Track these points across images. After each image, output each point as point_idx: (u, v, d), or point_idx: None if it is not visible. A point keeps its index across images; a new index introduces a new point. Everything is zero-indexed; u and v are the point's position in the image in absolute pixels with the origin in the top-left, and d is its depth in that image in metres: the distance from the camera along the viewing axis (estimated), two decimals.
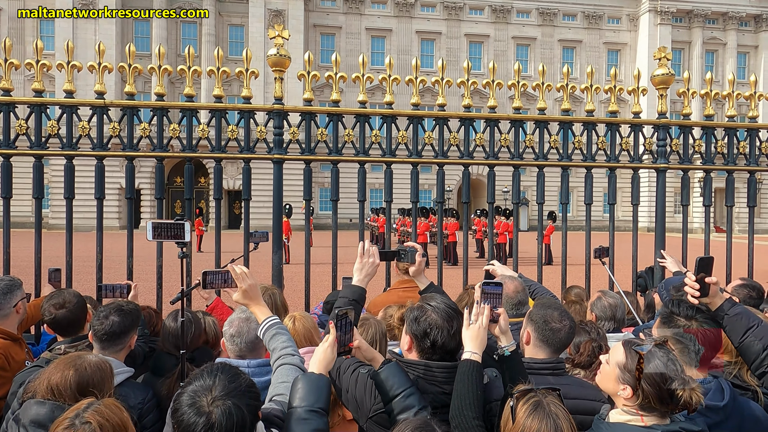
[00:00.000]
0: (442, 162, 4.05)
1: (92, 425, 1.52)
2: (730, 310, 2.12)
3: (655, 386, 1.72)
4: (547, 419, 1.59)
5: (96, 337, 2.35)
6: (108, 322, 2.34)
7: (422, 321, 1.88)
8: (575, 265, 4.97)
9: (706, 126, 4.40)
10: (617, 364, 1.82)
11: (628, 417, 1.79)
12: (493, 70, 4.08)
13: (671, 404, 1.72)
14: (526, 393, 1.66)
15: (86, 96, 3.78)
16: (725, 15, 43.33)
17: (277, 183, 3.90)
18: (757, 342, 2.06)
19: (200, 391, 1.47)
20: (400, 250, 2.52)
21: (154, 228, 2.11)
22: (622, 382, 1.80)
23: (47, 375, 1.85)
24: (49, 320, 2.68)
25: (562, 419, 1.60)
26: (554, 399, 1.66)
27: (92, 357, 1.94)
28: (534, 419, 1.60)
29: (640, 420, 1.77)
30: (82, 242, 7.20)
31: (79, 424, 1.53)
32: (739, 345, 2.10)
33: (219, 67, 3.70)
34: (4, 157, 3.59)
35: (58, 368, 1.86)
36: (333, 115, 3.93)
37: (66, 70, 3.56)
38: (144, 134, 3.75)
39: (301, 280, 4.07)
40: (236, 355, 2.25)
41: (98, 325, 2.34)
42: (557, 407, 1.63)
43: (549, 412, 1.61)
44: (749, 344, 2.07)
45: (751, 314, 2.12)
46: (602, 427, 1.82)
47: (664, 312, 2.21)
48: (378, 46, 40.77)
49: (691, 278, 2.16)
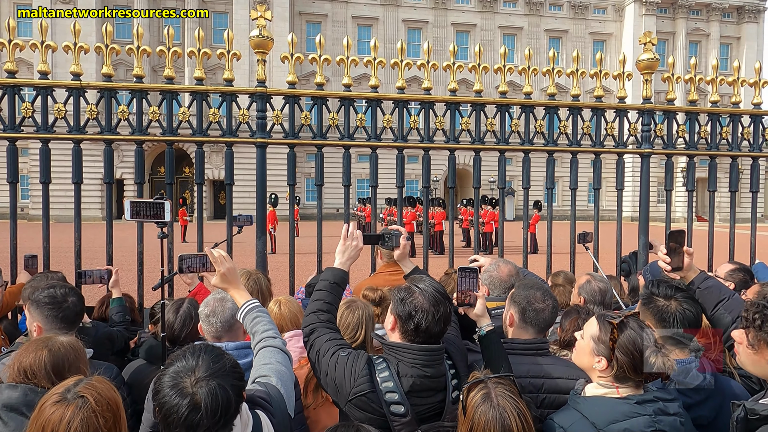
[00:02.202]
0: (427, 147, 4.02)
1: (87, 399, 1.42)
2: (702, 283, 2.16)
3: (629, 354, 1.74)
4: (492, 412, 1.57)
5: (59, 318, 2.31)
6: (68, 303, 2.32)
7: (408, 303, 1.84)
8: (560, 253, 4.99)
9: (690, 111, 4.43)
10: (591, 337, 1.84)
11: (604, 390, 1.80)
12: (479, 53, 4.04)
13: (644, 372, 1.75)
14: (477, 384, 1.64)
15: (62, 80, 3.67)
16: (709, 6, 43.75)
17: (261, 168, 3.84)
18: (726, 315, 2.09)
19: (183, 371, 1.41)
20: (384, 234, 2.49)
21: (133, 206, 2.03)
22: (596, 354, 1.81)
23: (18, 357, 1.77)
24: None
25: (509, 411, 1.58)
26: (504, 389, 1.63)
27: (63, 338, 1.87)
28: (481, 414, 1.58)
29: (616, 392, 1.78)
30: (64, 232, 7.04)
31: (71, 398, 1.43)
32: (711, 317, 2.14)
33: (200, 49, 3.61)
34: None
35: (30, 350, 1.78)
36: (317, 99, 3.87)
37: (40, 50, 3.44)
38: (123, 117, 3.65)
39: (287, 270, 4.03)
40: (213, 336, 2.20)
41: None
42: (505, 398, 1.61)
43: (496, 405, 1.59)
44: (719, 317, 2.11)
45: (723, 287, 2.16)
46: (578, 401, 1.84)
47: (645, 293, 2.22)
48: (364, 34, 40.41)
49: (662, 251, 2.19)
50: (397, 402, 1.76)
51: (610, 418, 1.72)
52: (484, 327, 2.06)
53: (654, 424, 1.69)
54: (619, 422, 1.70)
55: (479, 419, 1.57)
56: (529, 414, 1.63)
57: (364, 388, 1.78)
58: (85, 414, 1.41)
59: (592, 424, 1.72)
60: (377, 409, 1.77)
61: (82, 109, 3.58)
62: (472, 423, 1.58)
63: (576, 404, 1.83)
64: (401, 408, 1.75)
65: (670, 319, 2.08)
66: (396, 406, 1.76)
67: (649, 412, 1.71)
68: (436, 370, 1.83)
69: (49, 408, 1.42)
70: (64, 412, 1.40)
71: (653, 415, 1.71)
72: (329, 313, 2.07)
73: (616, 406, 1.74)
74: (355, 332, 2.37)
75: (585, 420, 1.75)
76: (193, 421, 1.36)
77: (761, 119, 4.56)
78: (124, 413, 1.54)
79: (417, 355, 1.81)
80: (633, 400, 1.74)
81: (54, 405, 1.42)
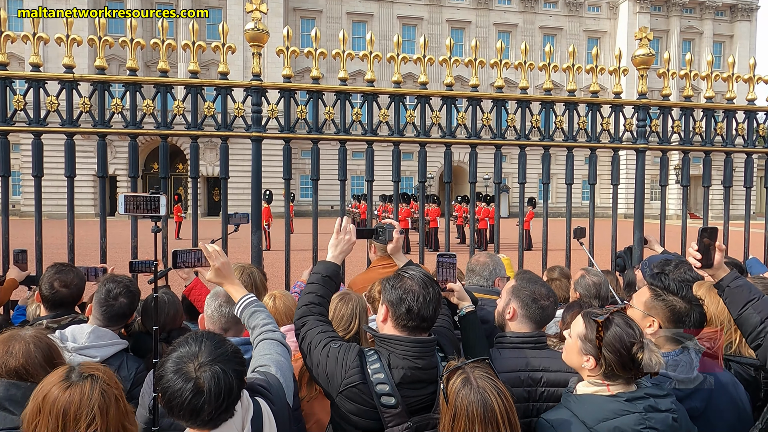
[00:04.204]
0: (424, 141, 4.00)
1: (97, 375, 1.46)
2: (732, 282, 2.11)
3: (616, 352, 1.72)
4: (474, 394, 1.57)
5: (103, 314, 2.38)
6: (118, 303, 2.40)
7: (398, 287, 1.85)
8: (555, 250, 5.01)
9: (685, 107, 4.44)
10: (578, 336, 1.83)
11: (595, 388, 1.80)
12: (475, 48, 4.03)
13: (634, 369, 1.73)
14: (455, 371, 1.64)
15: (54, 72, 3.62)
16: (702, 4, 43.97)
17: (256, 162, 3.81)
18: (755, 314, 2.05)
19: (186, 357, 1.41)
20: (377, 228, 2.48)
21: (127, 200, 2.01)
22: (584, 354, 1.80)
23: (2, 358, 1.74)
24: (50, 294, 2.61)
25: (489, 391, 1.57)
26: (482, 372, 1.63)
27: (29, 330, 1.87)
28: (463, 397, 1.57)
29: (606, 389, 1.77)
30: (56, 228, 6.96)
31: (78, 378, 1.44)
32: (738, 317, 2.09)
33: (194, 41, 3.58)
34: None
35: (7, 347, 1.76)
36: (313, 92, 3.84)
37: (32, 42, 3.40)
38: (116, 110, 3.61)
39: (282, 267, 4.01)
40: (220, 328, 2.21)
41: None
42: (484, 379, 1.61)
43: (476, 387, 1.58)
44: (748, 316, 2.06)
45: (753, 287, 2.12)
46: (570, 399, 1.83)
47: (656, 286, 2.14)
48: (359, 31, 40.29)
49: (693, 248, 2.15)
50: (388, 393, 1.76)
51: (600, 416, 1.71)
52: (465, 308, 2.19)
53: (644, 422, 1.69)
54: (608, 420, 1.70)
55: (461, 403, 1.56)
56: (509, 393, 1.62)
57: (354, 380, 1.78)
58: (103, 387, 1.44)
59: (582, 422, 1.72)
60: (368, 401, 1.77)
61: (75, 103, 3.54)
62: (455, 409, 1.57)
63: (567, 403, 1.83)
64: (392, 399, 1.75)
65: (684, 318, 2.05)
66: (387, 397, 1.76)
67: (639, 410, 1.71)
68: (427, 362, 1.83)
69: (58, 392, 1.42)
70: (83, 390, 1.42)
71: (643, 412, 1.70)
72: (321, 306, 2.07)
73: (606, 404, 1.73)
74: (349, 323, 2.36)
75: (576, 419, 1.74)
76: (197, 405, 1.36)
77: (755, 115, 4.58)
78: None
79: (408, 346, 1.81)
80: (623, 398, 1.74)
81: (63, 389, 1.42)
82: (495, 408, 1.56)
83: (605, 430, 1.69)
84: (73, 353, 2.17)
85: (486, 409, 1.55)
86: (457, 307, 2.22)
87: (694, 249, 2.14)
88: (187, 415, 1.39)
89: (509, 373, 2.05)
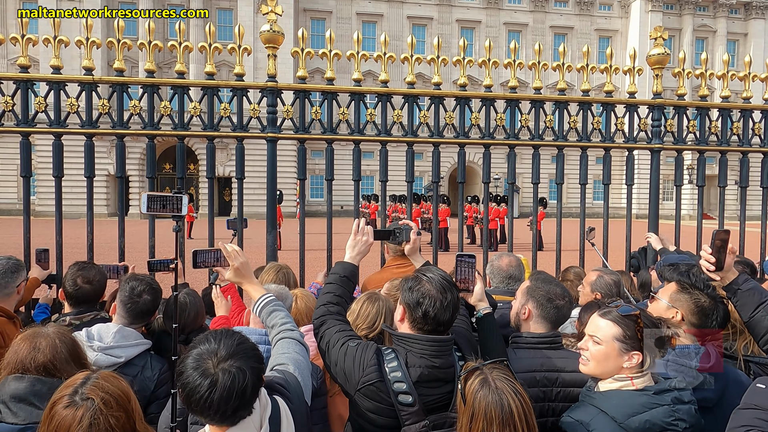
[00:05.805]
0: (437, 141, 4.02)
1: (95, 401, 1.46)
2: (743, 284, 2.11)
3: (653, 336, 1.79)
4: (492, 395, 1.58)
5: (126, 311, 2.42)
6: (142, 300, 2.45)
7: (416, 290, 1.85)
8: (567, 250, 4.99)
9: (701, 106, 4.41)
10: (614, 339, 1.81)
11: (620, 384, 1.80)
12: (489, 48, 4.04)
13: (662, 350, 1.80)
14: (473, 372, 1.65)
15: (74, 74, 3.68)
16: (715, 2, 43.43)
17: (271, 162, 3.85)
18: (767, 317, 2.05)
19: (205, 353, 1.45)
20: (395, 229, 2.49)
21: (150, 200, 2.04)
22: (625, 353, 1.80)
23: (29, 354, 1.78)
24: (73, 291, 2.67)
25: (507, 393, 1.58)
26: (500, 373, 1.64)
27: (51, 327, 1.90)
28: (481, 398, 1.58)
29: (631, 383, 1.78)
30: (71, 228, 7.04)
31: (80, 401, 1.46)
32: (749, 319, 2.09)
33: (210, 43, 3.62)
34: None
35: (32, 345, 1.80)
36: (327, 93, 3.87)
37: (53, 45, 3.46)
38: (134, 112, 3.66)
39: (293, 265, 4.03)
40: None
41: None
42: (502, 380, 1.61)
43: (495, 388, 1.59)
44: (760, 319, 2.06)
45: (763, 290, 2.11)
46: (594, 396, 1.83)
47: (682, 281, 2.17)
48: (369, 31, 40.32)
49: (706, 251, 2.14)
50: (405, 392, 1.77)
51: (630, 411, 1.71)
52: (482, 310, 2.16)
53: (674, 413, 1.70)
54: (639, 414, 1.70)
55: (479, 404, 1.58)
56: (526, 395, 1.63)
57: (372, 378, 1.80)
58: (95, 416, 1.45)
59: (611, 418, 1.72)
60: (385, 399, 1.78)
61: (94, 105, 3.59)
62: (473, 410, 1.58)
63: (591, 400, 1.82)
64: (409, 398, 1.77)
65: (709, 313, 2.08)
66: (404, 395, 1.77)
67: (667, 402, 1.72)
68: (444, 361, 1.84)
69: (60, 411, 1.46)
70: (75, 414, 1.44)
71: (671, 404, 1.71)
72: (339, 306, 2.09)
73: (635, 399, 1.74)
74: (374, 322, 2.38)
75: (604, 415, 1.74)
76: (214, 400, 1.39)
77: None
78: (137, 404, 1.57)
79: (425, 345, 1.82)
80: (651, 391, 1.74)
81: (64, 405, 1.46)
82: (513, 409, 1.56)
83: (636, 424, 1.69)
84: (98, 353, 2.21)
85: (504, 411, 1.56)
86: (475, 309, 2.22)
87: (708, 252, 2.14)
88: (205, 412, 1.41)
89: (525, 374, 2.05)
